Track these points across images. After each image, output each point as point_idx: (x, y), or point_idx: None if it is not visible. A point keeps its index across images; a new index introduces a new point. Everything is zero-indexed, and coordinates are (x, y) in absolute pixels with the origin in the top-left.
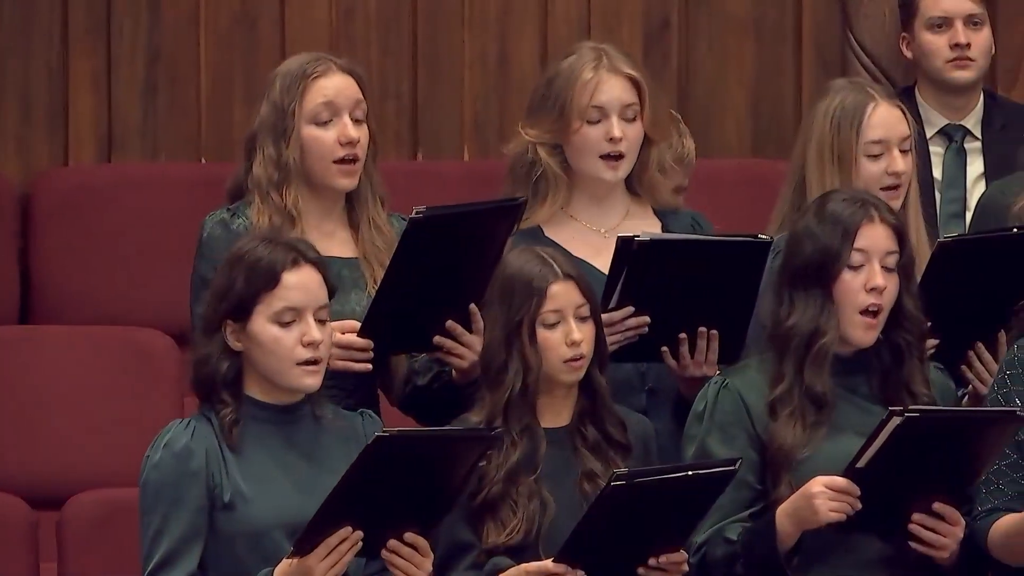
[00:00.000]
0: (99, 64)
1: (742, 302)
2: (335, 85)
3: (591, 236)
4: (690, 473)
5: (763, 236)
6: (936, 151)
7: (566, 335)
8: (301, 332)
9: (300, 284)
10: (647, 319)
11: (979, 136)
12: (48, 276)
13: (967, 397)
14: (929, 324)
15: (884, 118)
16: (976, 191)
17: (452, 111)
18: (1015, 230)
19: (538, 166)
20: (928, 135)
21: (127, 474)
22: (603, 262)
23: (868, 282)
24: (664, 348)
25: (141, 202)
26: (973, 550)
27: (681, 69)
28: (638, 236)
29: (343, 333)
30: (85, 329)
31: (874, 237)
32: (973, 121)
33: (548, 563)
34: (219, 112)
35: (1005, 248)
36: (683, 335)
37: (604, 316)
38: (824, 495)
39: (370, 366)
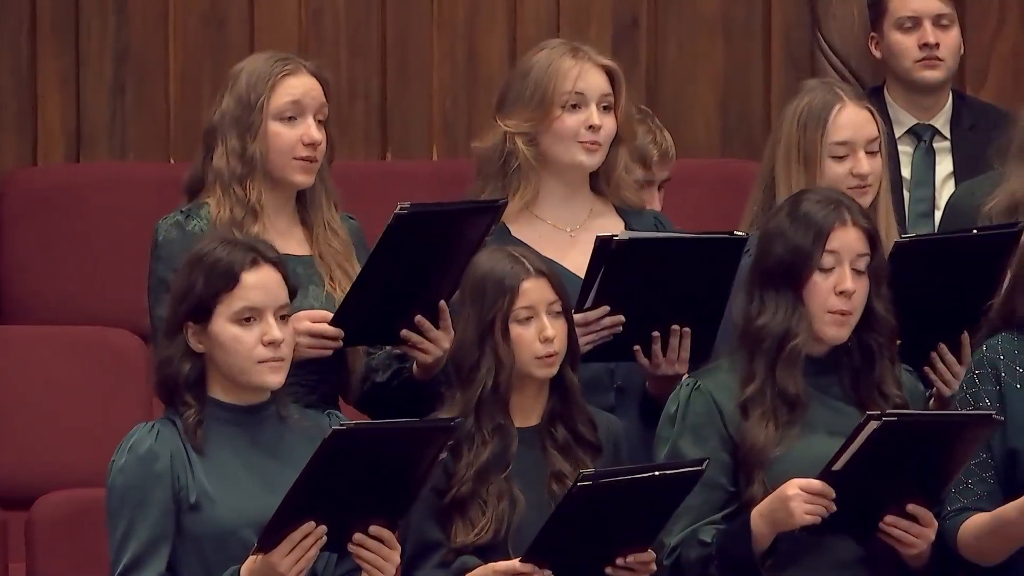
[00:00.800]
0: (67, 64)
1: (715, 299)
2: (304, 85)
3: (557, 235)
4: (656, 474)
5: (739, 232)
6: (905, 151)
7: (539, 331)
8: (262, 332)
9: (260, 284)
10: (622, 319)
11: (948, 136)
12: (17, 276)
13: (932, 399)
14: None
15: (851, 119)
16: (945, 191)
17: (421, 111)
18: (975, 231)
19: (513, 158)
20: (897, 135)
21: (96, 474)
22: (570, 261)
23: (838, 285)
24: (636, 347)
25: (110, 202)
26: (942, 549)
27: (650, 68)
28: (616, 236)
29: (314, 322)
30: (55, 329)
31: (846, 240)
32: (942, 121)
33: (515, 562)
34: (188, 112)
35: (965, 249)
36: (656, 333)
37: (580, 316)
38: (800, 497)
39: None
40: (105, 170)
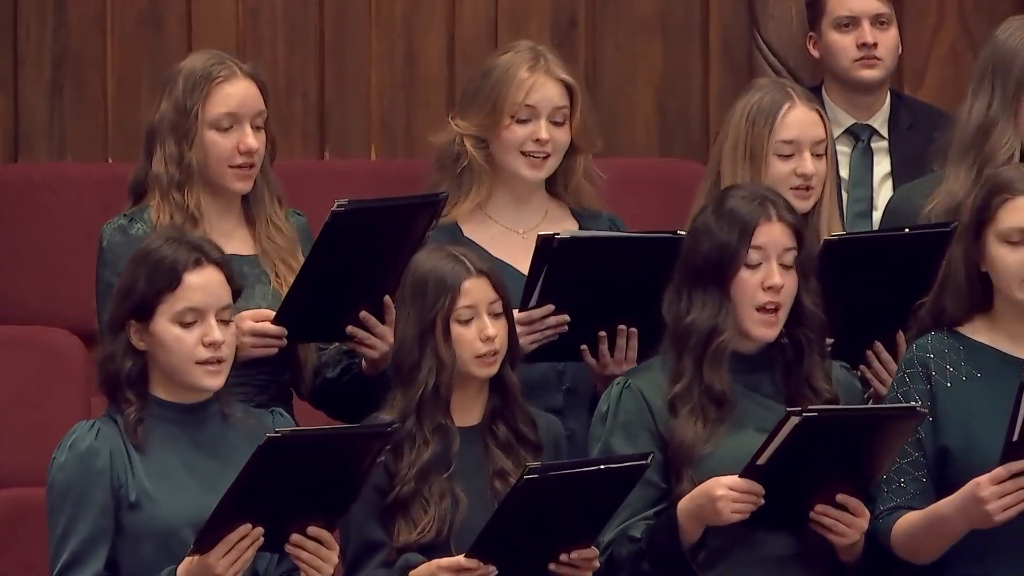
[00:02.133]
0: (5, 65)
1: (659, 298)
2: (239, 94)
3: (510, 237)
4: (602, 467)
5: (681, 232)
6: (843, 150)
7: (480, 330)
8: (203, 332)
9: (202, 285)
10: (567, 318)
11: (886, 136)
12: None
13: (870, 399)
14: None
15: (798, 119)
16: (883, 191)
17: (359, 110)
18: (906, 230)
19: (464, 158)
20: (835, 134)
21: (34, 474)
22: (522, 262)
23: (765, 280)
24: (583, 347)
25: (48, 202)
26: (876, 549)
27: (588, 68)
28: (558, 234)
29: (257, 322)
30: None
31: (772, 235)
32: (880, 120)
33: (460, 558)
34: (126, 112)
35: (897, 248)
36: (603, 333)
37: (524, 314)
38: (728, 498)
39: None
40: (43, 171)
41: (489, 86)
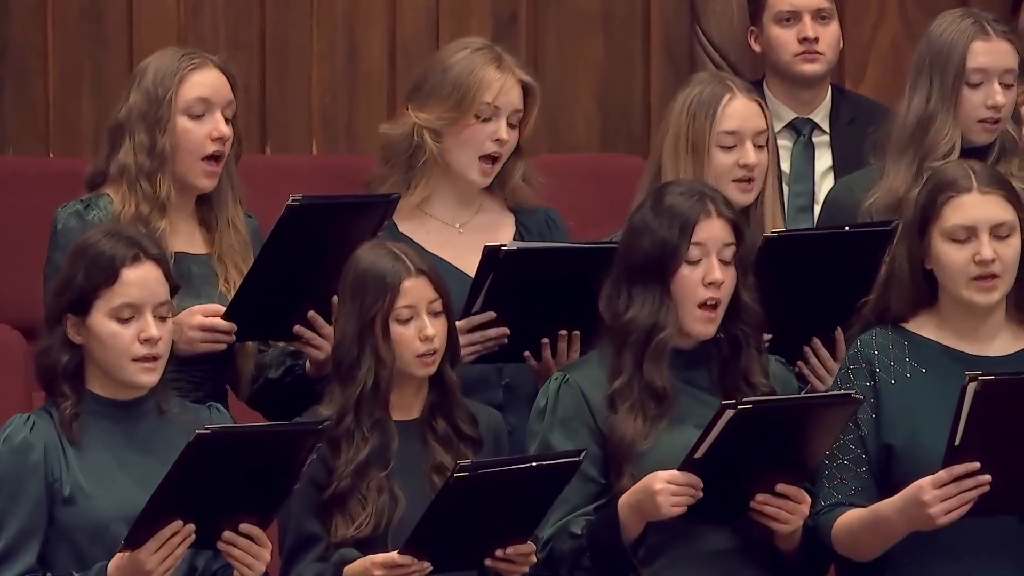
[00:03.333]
0: None
1: None
2: (212, 81)
3: (447, 231)
4: (533, 464)
5: None
6: (784, 145)
7: (419, 330)
8: (139, 328)
9: (139, 280)
10: (507, 331)
11: (827, 130)
12: None
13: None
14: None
15: (739, 110)
16: (824, 185)
17: (300, 105)
18: (846, 228)
19: (421, 152)
20: (776, 129)
21: None
22: (459, 257)
23: (706, 276)
24: (526, 352)
25: None
26: (816, 544)
27: (529, 63)
28: (505, 246)
29: (207, 316)
30: None
31: (712, 231)
32: (821, 115)
33: (394, 555)
34: (67, 106)
35: (837, 246)
36: (545, 340)
37: (463, 322)
38: (667, 491)
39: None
40: None
41: (452, 81)
